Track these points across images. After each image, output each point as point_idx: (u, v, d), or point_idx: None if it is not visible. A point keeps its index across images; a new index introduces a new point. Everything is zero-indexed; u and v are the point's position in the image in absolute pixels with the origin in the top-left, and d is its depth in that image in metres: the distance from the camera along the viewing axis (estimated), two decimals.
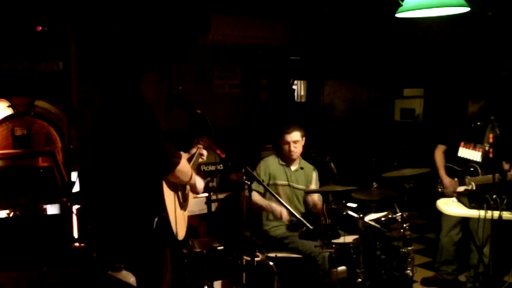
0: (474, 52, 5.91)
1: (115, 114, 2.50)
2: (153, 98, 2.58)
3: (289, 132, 4.00)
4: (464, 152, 4.16)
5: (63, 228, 3.94)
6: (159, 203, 2.51)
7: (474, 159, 4.07)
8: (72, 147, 4.45)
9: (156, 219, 2.50)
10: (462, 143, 4.18)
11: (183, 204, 2.81)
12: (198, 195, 4.29)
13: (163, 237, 2.58)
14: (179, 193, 2.76)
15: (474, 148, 4.09)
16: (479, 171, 4.00)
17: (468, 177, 4.05)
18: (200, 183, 2.83)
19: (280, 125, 4.20)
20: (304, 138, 4.05)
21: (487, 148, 4.00)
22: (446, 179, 4.19)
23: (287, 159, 4.09)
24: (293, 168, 4.10)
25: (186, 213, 2.88)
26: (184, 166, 2.57)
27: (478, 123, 4.06)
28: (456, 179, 4.14)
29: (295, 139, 4.00)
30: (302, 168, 4.13)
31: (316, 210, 3.97)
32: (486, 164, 3.98)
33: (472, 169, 4.05)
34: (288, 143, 4.00)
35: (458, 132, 4.22)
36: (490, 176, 3.81)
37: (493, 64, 5.76)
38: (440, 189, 4.24)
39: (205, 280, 3.39)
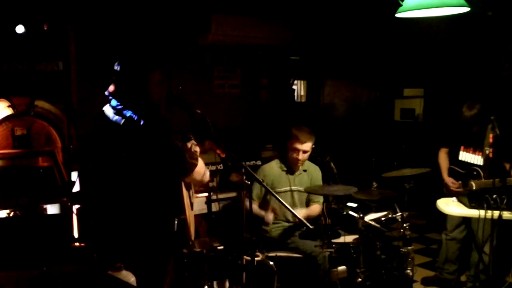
0: (474, 52, 5.92)
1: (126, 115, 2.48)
2: (157, 98, 2.58)
3: (301, 142, 3.83)
4: (465, 156, 4.14)
5: (63, 228, 3.93)
6: (177, 205, 2.51)
7: (476, 163, 4.06)
8: (72, 147, 4.45)
9: (176, 222, 2.50)
10: (462, 147, 4.17)
11: (192, 203, 2.82)
12: (199, 195, 4.32)
13: (179, 239, 2.58)
14: (190, 192, 2.77)
15: (474, 152, 4.08)
16: (482, 174, 3.99)
17: (472, 180, 4.04)
18: (207, 174, 2.79)
19: (290, 125, 4.07)
20: (313, 146, 3.98)
21: (487, 152, 3.98)
22: (448, 180, 4.18)
23: (292, 165, 3.99)
24: (296, 172, 4.05)
25: (193, 212, 2.89)
26: (201, 167, 2.58)
27: (474, 129, 4.03)
28: (460, 182, 4.11)
29: (306, 149, 3.86)
30: (305, 171, 4.07)
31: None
32: (488, 167, 3.97)
33: (475, 172, 4.03)
34: (298, 151, 3.85)
35: (457, 136, 4.21)
36: (491, 181, 3.81)
37: (493, 64, 5.76)
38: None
39: (205, 280, 3.38)
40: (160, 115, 2.50)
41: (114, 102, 2.51)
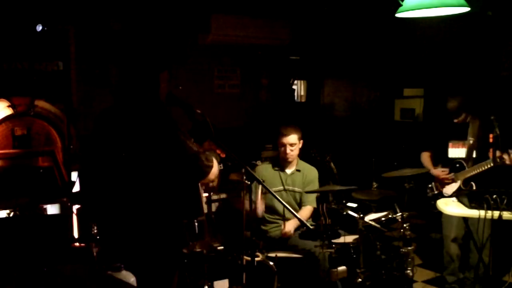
0: (474, 52, 5.91)
1: (139, 116, 2.47)
2: (164, 97, 2.59)
3: (285, 135, 3.95)
4: (453, 152, 4.16)
5: (63, 228, 3.94)
6: (197, 207, 2.51)
7: (460, 156, 4.08)
8: (72, 147, 4.45)
9: (196, 223, 2.51)
10: (450, 144, 4.18)
11: None
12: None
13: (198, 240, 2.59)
14: None
15: (463, 145, 4.10)
16: (465, 165, 4.01)
17: (454, 173, 4.05)
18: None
19: (278, 125, 4.17)
20: (301, 141, 4.02)
21: (471, 142, 4.00)
22: (435, 171, 4.18)
23: (282, 162, 4.05)
24: (288, 171, 4.06)
25: None
26: (215, 168, 2.60)
27: (457, 120, 4.07)
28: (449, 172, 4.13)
29: (292, 142, 3.95)
30: (298, 171, 4.08)
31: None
32: (471, 157, 3.99)
33: (458, 165, 4.05)
34: (284, 145, 3.96)
35: (444, 133, 4.22)
36: (475, 166, 3.83)
37: (493, 64, 5.76)
38: (434, 192, 4.22)
39: (205, 280, 3.38)
40: (168, 112, 2.51)
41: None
